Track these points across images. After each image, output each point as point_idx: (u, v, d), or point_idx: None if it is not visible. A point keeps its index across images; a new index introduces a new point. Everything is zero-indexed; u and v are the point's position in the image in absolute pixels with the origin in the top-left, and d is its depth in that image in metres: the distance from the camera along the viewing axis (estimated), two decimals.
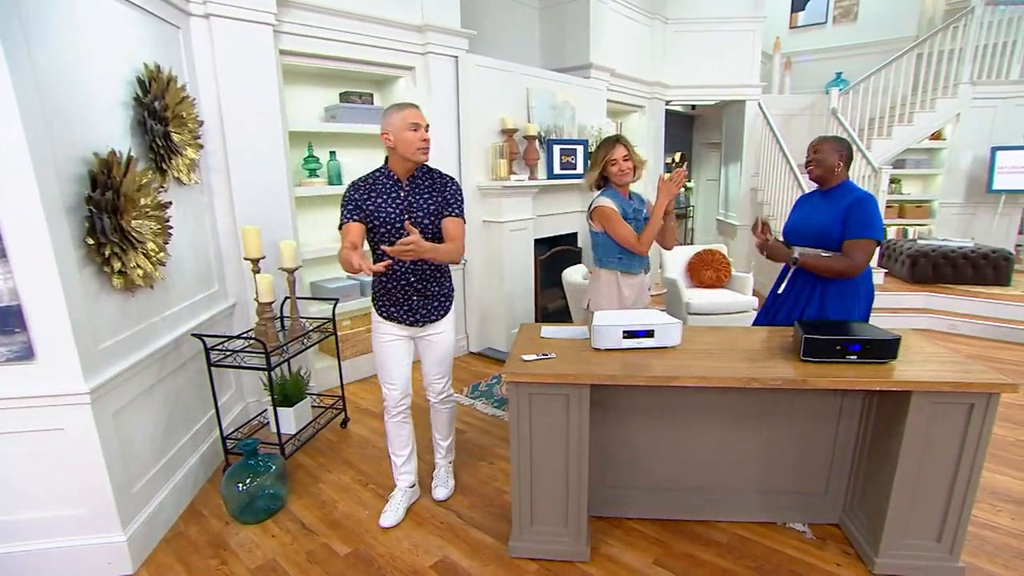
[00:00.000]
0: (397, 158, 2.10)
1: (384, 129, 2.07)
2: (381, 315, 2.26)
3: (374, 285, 2.25)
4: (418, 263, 2.15)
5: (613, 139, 2.55)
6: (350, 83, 3.83)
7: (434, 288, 2.25)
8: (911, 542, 2.00)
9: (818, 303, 2.43)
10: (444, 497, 2.51)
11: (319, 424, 3.03)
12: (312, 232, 3.79)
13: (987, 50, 5.93)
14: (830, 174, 2.40)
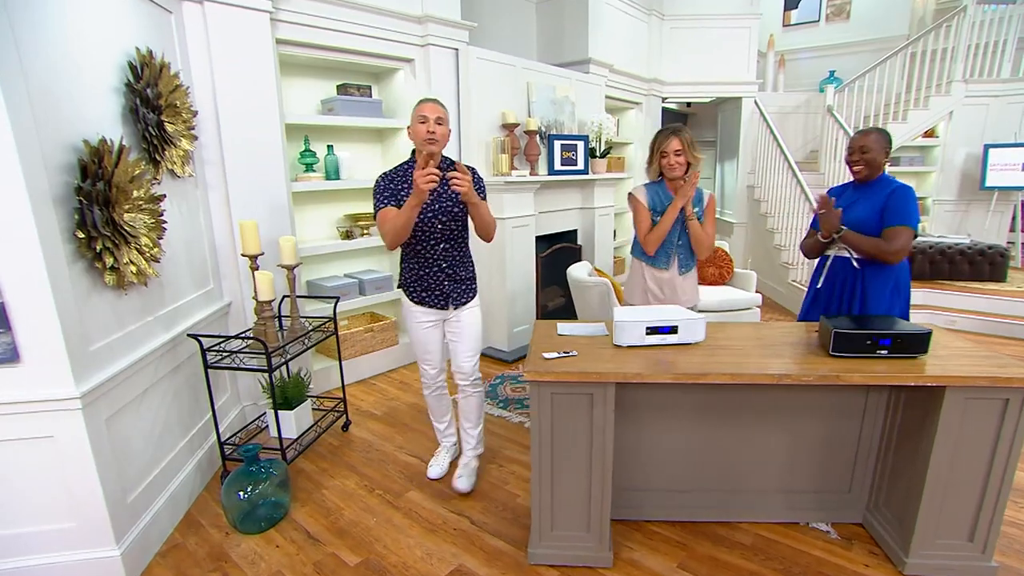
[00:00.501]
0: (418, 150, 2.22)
1: (408, 124, 2.27)
2: (413, 300, 2.38)
3: (405, 273, 2.39)
4: (448, 251, 2.34)
5: (670, 130, 2.45)
6: (347, 75, 3.72)
7: (462, 272, 2.40)
8: (942, 542, 1.95)
9: (860, 299, 2.39)
10: (467, 488, 2.50)
11: (320, 428, 2.91)
12: (309, 229, 3.66)
13: (979, 49, 5.98)
14: (877, 172, 2.36)
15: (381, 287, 3.87)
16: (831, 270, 2.49)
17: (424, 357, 2.48)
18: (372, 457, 2.83)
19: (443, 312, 2.40)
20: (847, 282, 2.43)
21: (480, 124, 4.02)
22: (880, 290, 2.35)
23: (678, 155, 2.43)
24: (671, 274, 2.59)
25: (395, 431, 3.12)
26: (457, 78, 3.92)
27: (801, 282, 5.27)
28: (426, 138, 2.14)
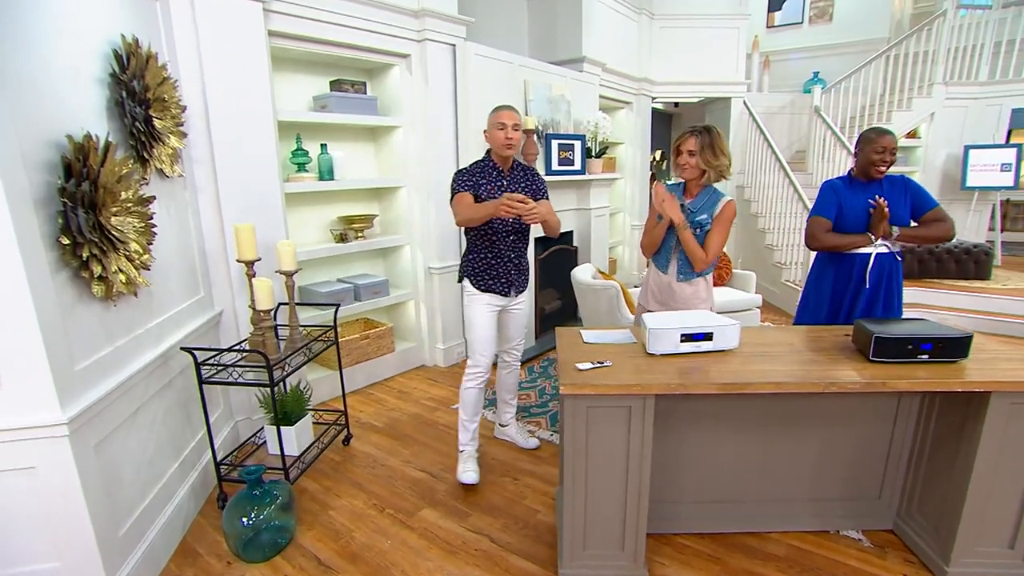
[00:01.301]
0: (495, 152, 2.49)
1: (485, 128, 2.50)
2: (481, 289, 2.54)
3: (473, 262, 2.55)
4: (516, 243, 2.57)
5: (691, 129, 2.32)
6: (341, 71, 3.55)
7: (524, 263, 2.66)
8: (983, 549, 1.91)
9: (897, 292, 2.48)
10: (536, 445, 2.86)
11: (322, 443, 2.74)
12: (301, 232, 3.48)
13: (958, 52, 6.11)
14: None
15: (378, 292, 3.71)
16: (877, 266, 2.47)
17: (482, 346, 2.59)
18: (378, 473, 2.68)
19: (505, 299, 2.60)
20: (892, 277, 2.46)
21: (478, 122, 3.87)
22: (899, 286, 2.47)
23: (691, 155, 2.30)
24: (668, 279, 2.46)
25: (399, 444, 2.97)
26: (455, 75, 3.78)
27: (794, 282, 5.29)
28: (504, 143, 2.41)
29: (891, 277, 2.47)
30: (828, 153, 5.87)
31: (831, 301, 2.59)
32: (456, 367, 4.10)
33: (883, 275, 2.48)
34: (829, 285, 2.57)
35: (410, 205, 3.85)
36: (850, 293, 2.52)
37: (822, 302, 2.60)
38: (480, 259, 2.54)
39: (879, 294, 2.46)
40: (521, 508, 2.40)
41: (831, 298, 2.59)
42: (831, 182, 2.58)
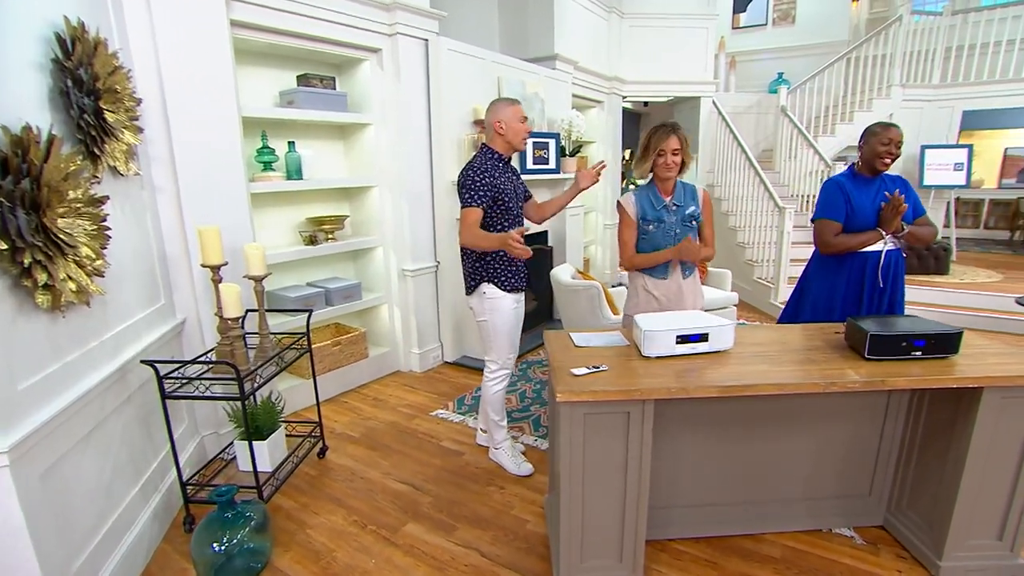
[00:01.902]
0: (503, 144, 2.45)
1: (498, 119, 2.42)
2: (507, 289, 2.50)
3: (495, 265, 2.48)
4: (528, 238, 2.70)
5: (670, 127, 2.26)
6: (309, 65, 3.38)
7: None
8: (973, 542, 1.92)
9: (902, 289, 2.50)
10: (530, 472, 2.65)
11: (297, 457, 2.58)
12: (268, 234, 3.30)
13: (913, 56, 6.33)
14: None
15: (349, 296, 3.56)
16: (887, 263, 2.45)
17: (512, 347, 2.58)
18: (357, 487, 2.55)
19: (522, 295, 2.62)
20: (899, 274, 2.48)
21: (451, 120, 3.78)
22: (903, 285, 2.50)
23: (676, 155, 2.26)
24: (674, 280, 2.41)
25: (378, 455, 2.83)
26: (427, 71, 3.67)
27: (766, 279, 5.36)
28: (525, 137, 2.47)
29: (898, 274, 2.47)
30: (795, 152, 5.98)
31: (844, 303, 2.51)
32: (432, 372, 3.98)
33: (891, 272, 2.46)
34: (841, 286, 2.51)
35: (382, 205, 3.71)
36: (866, 293, 2.47)
37: (833, 305, 2.53)
38: (501, 260, 2.48)
39: (887, 292, 2.46)
40: (509, 518, 2.30)
41: (844, 299, 2.51)
42: (836, 180, 2.53)
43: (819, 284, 2.61)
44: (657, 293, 2.41)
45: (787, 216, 4.87)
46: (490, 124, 2.45)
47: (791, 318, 2.78)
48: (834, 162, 5.38)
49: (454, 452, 2.85)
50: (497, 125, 2.42)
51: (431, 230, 3.93)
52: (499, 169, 2.43)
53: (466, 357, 4.15)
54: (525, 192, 2.67)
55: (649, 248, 2.38)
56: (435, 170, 3.82)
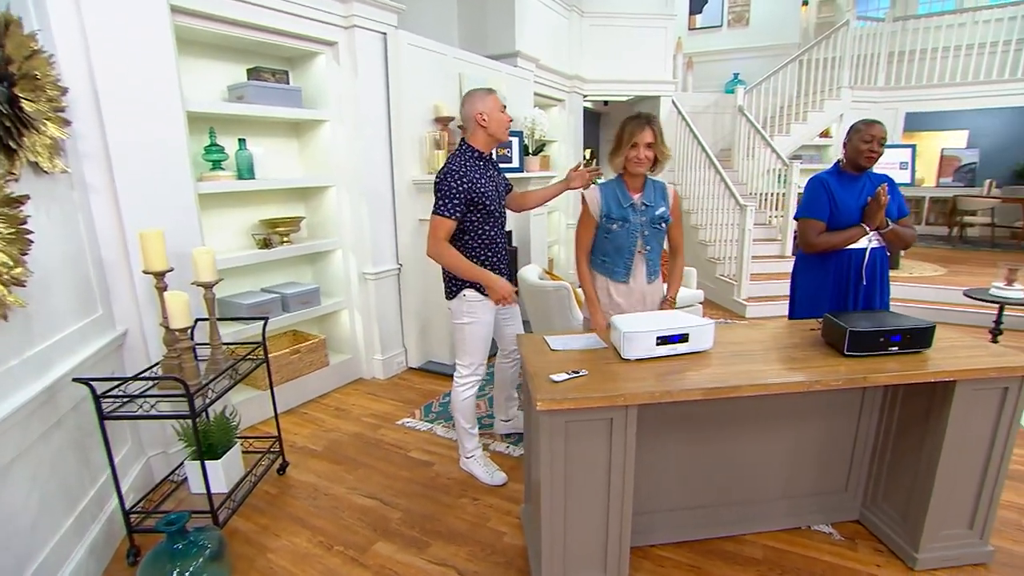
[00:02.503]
0: (486, 138, 2.36)
1: (479, 110, 2.30)
2: (483, 293, 2.40)
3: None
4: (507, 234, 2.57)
5: (644, 118, 2.15)
6: (260, 58, 3.19)
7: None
8: (947, 532, 1.94)
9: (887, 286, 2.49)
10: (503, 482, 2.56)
11: (255, 475, 2.41)
12: (218, 237, 3.09)
13: (860, 60, 6.57)
14: None
15: (307, 301, 3.38)
16: (872, 260, 2.43)
17: (484, 352, 2.51)
18: (321, 504, 2.39)
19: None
20: (884, 271, 2.48)
21: (412, 117, 3.65)
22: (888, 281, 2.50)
23: (649, 148, 2.16)
24: (636, 284, 2.31)
25: (342, 469, 2.68)
26: (386, 66, 3.52)
27: (729, 276, 5.43)
28: (507, 127, 2.39)
29: (884, 271, 2.47)
30: (753, 151, 6.10)
31: (831, 301, 2.49)
32: (396, 378, 3.83)
33: (876, 269, 2.45)
34: (828, 284, 2.48)
35: (340, 206, 3.55)
36: (851, 291, 2.45)
37: (820, 303, 2.49)
38: (488, 263, 2.45)
39: (874, 289, 2.47)
40: (485, 531, 2.20)
41: (831, 297, 2.48)
42: (819, 177, 2.48)
43: (805, 281, 2.60)
44: (619, 298, 2.32)
45: (748, 214, 4.95)
46: (470, 117, 2.33)
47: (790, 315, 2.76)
48: (791, 160, 5.49)
49: (423, 463, 2.73)
50: (479, 117, 2.31)
51: (392, 231, 3.78)
52: (479, 169, 2.33)
53: (431, 362, 4.02)
54: (507, 185, 2.63)
55: (611, 248, 2.27)
56: (396, 169, 3.68)
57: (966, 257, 6.88)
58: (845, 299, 2.48)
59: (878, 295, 2.47)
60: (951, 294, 4.77)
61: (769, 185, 5.88)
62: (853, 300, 2.48)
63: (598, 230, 2.30)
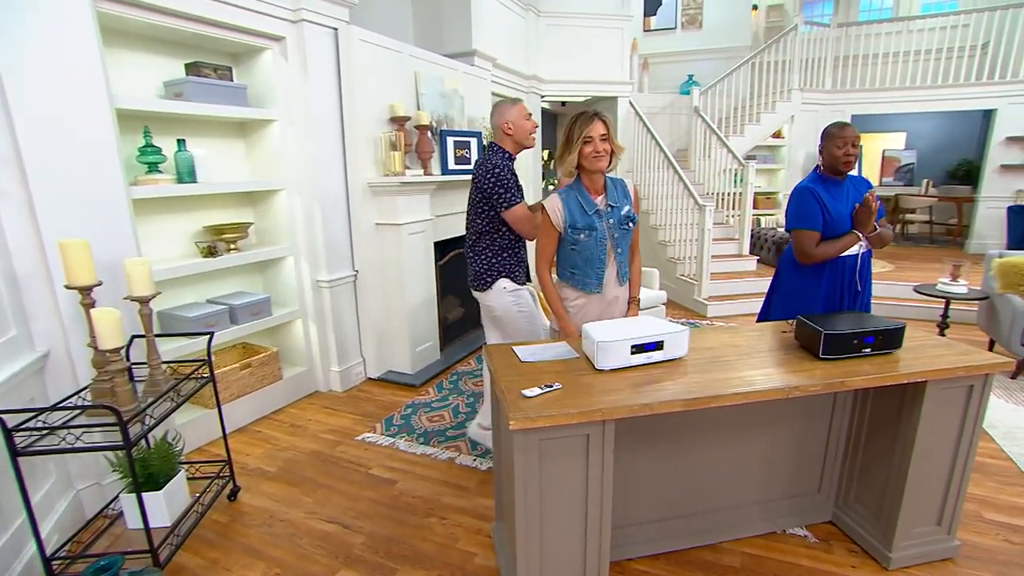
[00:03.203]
0: (513, 144, 2.50)
1: (504, 120, 2.45)
2: (519, 283, 2.59)
3: (509, 260, 2.55)
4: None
5: (591, 113, 2.05)
6: (200, 53, 2.96)
7: None
8: (918, 530, 1.95)
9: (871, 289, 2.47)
10: None
11: (203, 504, 2.21)
12: (157, 246, 2.86)
13: (808, 63, 6.77)
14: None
15: (257, 312, 3.17)
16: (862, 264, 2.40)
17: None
18: (277, 532, 2.22)
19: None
20: (868, 274, 2.46)
21: (366, 117, 3.49)
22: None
23: (604, 140, 2.05)
24: (608, 291, 2.23)
25: (299, 491, 2.51)
26: (338, 63, 3.35)
27: (689, 276, 5.47)
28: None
29: (868, 275, 2.44)
30: (709, 151, 6.18)
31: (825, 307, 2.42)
32: (355, 390, 3.66)
33: (867, 273, 2.44)
34: (822, 292, 2.41)
35: (292, 210, 3.35)
36: (846, 297, 2.41)
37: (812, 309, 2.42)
38: (514, 255, 2.58)
39: (867, 294, 2.45)
40: (455, 553, 2.09)
41: (825, 303, 2.42)
42: (806, 187, 2.38)
43: (793, 288, 2.50)
44: (590, 307, 2.23)
45: (707, 213, 4.99)
46: (497, 127, 2.47)
47: (763, 317, 2.72)
48: (746, 160, 5.59)
49: (386, 481, 2.58)
50: (505, 126, 2.44)
51: (347, 236, 3.61)
52: (511, 169, 2.47)
53: (391, 372, 3.86)
54: None
55: (580, 260, 2.16)
56: (350, 171, 3.52)
57: (909, 253, 7.19)
58: (840, 305, 2.43)
59: (865, 298, 2.46)
60: (901, 290, 4.93)
61: (726, 185, 5.97)
62: (848, 306, 2.43)
63: (563, 241, 2.18)
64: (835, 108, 6.92)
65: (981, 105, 6.85)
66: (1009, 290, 3.62)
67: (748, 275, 5.61)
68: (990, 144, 6.88)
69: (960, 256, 6.48)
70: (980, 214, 7.08)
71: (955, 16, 6.89)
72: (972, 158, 8.53)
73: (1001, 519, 2.21)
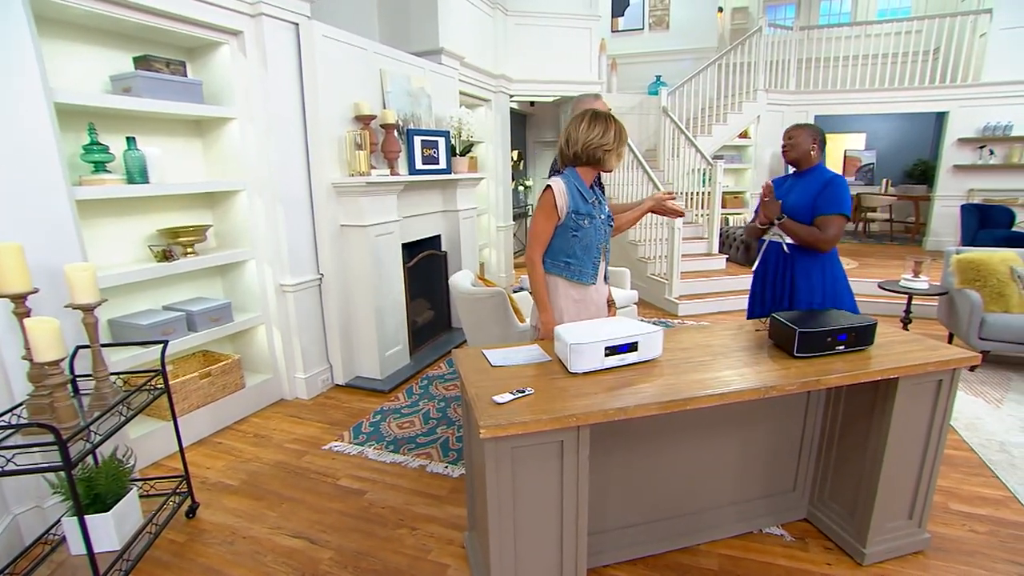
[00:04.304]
0: None
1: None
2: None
3: None
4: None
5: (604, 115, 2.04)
6: (150, 46, 2.81)
7: None
8: (891, 525, 1.96)
9: (790, 283, 2.44)
10: None
11: (157, 524, 2.08)
12: (107, 250, 2.70)
13: (773, 65, 6.90)
14: (805, 157, 2.42)
15: (217, 318, 3.03)
16: (765, 254, 2.54)
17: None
18: (239, 549, 2.11)
19: None
20: (779, 266, 2.48)
21: (330, 116, 3.38)
22: (807, 276, 2.40)
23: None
24: (594, 287, 2.19)
25: (263, 505, 2.40)
26: (299, 59, 3.24)
27: (660, 275, 5.49)
28: None
29: (784, 269, 2.46)
30: (678, 151, 6.23)
31: (751, 293, 2.68)
32: (322, 397, 3.54)
33: (769, 265, 2.52)
34: (755, 276, 2.65)
35: (253, 212, 3.22)
36: (757, 284, 2.62)
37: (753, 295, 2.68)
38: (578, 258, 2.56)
39: (779, 283, 2.48)
40: (427, 566, 2.01)
41: (751, 290, 2.67)
42: (775, 179, 2.61)
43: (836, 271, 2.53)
44: (584, 299, 2.17)
45: None
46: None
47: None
48: (714, 160, 5.64)
49: (354, 491, 2.49)
50: None
51: (311, 239, 3.49)
52: None
53: (360, 378, 3.75)
54: None
55: (580, 248, 2.09)
56: (313, 171, 3.40)
57: (872, 251, 7.38)
58: (763, 292, 2.59)
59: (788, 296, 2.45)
60: (866, 286, 5.04)
61: (694, 184, 6.02)
62: (770, 295, 2.55)
63: (561, 228, 2.08)
64: (799, 109, 7.07)
65: (934, 108, 7.09)
66: (967, 285, 3.73)
67: (717, 274, 5.66)
68: (943, 145, 7.12)
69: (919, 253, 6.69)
70: (936, 212, 7.32)
71: (908, 22, 7.11)
72: (927, 158, 8.83)
73: (966, 509, 2.25)
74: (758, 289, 2.63)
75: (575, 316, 2.13)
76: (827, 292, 2.39)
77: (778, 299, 2.50)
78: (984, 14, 6.68)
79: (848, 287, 2.46)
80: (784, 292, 2.46)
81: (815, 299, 2.38)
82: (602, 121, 2.03)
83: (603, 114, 2.05)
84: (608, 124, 2.03)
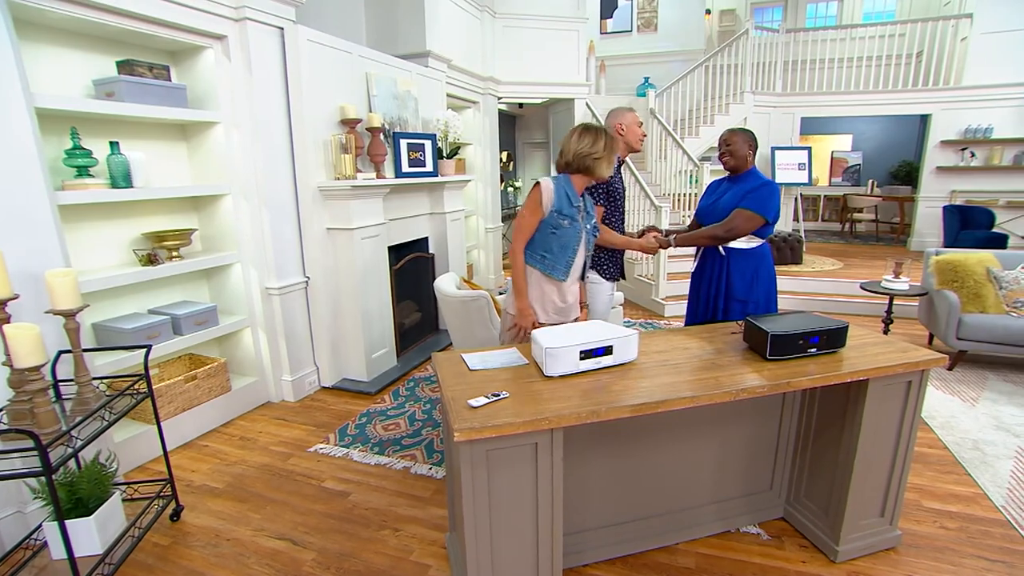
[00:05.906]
0: (624, 146, 2.74)
1: (617, 121, 2.71)
2: (608, 278, 2.83)
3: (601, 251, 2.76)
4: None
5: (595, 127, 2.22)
6: (134, 50, 2.81)
7: None
8: (863, 523, 2.00)
9: (726, 282, 2.56)
10: None
11: (140, 527, 2.09)
12: (91, 255, 2.71)
13: (759, 67, 6.97)
14: (743, 163, 2.55)
15: (203, 322, 3.04)
16: (702, 257, 2.71)
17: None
18: (224, 552, 2.12)
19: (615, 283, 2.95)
20: (715, 267, 2.61)
21: (315, 120, 3.39)
22: (741, 275, 2.53)
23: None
24: (567, 284, 2.31)
25: (248, 507, 2.41)
26: (284, 63, 3.25)
27: (646, 276, 5.54)
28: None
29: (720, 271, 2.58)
30: (665, 152, 6.28)
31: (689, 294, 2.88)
32: (309, 400, 3.55)
33: (706, 267, 2.66)
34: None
35: (238, 216, 3.23)
36: (693, 286, 2.80)
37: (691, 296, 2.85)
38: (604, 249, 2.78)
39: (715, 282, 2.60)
40: (409, 567, 2.03)
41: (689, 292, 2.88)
42: (712, 182, 2.80)
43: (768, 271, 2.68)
44: (555, 297, 2.30)
45: (664, 214, 5.06)
46: (611, 127, 2.68)
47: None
48: (701, 162, 5.70)
49: (338, 493, 2.51)
50: (618, 127, 2.69)
51: (297, 242, 3.50)
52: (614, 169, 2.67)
53: (346, 380, 3.77)
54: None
55: (556, 246, 2.21)
56: (299, 175, 3.41)
57: (857, 251, 7.47)
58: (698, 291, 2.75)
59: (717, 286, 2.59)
60: (849, 287, 5.11)
61: (682, 186, 6.07)
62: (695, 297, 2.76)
63: (543, 224, 2.22)
64: (786, 111, 7.15)
65: (917, 110, 7.18)
66: (945, 286, 3.79)
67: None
68: (927, 147, 7.22)
69: (903, 253, 6.78)
70: (920, 213, 7.41)
71: (892, 26, 7.20)
72: (911, 160, 8.94)
73: (937, 507, 2.30)
74: (695, 291, 2.77)
75: (539, 306, 2.30)
76: (760, 290, 2.53)
77: (713, 297, 2.62)
78: (965, 18, 6.78)
79: (774, 286, 2.61)
80: (720, 291, 2.58)
81: (750, 296, 2.53)
82: (592, 133, 2.20)
83: (594, 126, 2.22)
84: (597, 135, 2.19)
